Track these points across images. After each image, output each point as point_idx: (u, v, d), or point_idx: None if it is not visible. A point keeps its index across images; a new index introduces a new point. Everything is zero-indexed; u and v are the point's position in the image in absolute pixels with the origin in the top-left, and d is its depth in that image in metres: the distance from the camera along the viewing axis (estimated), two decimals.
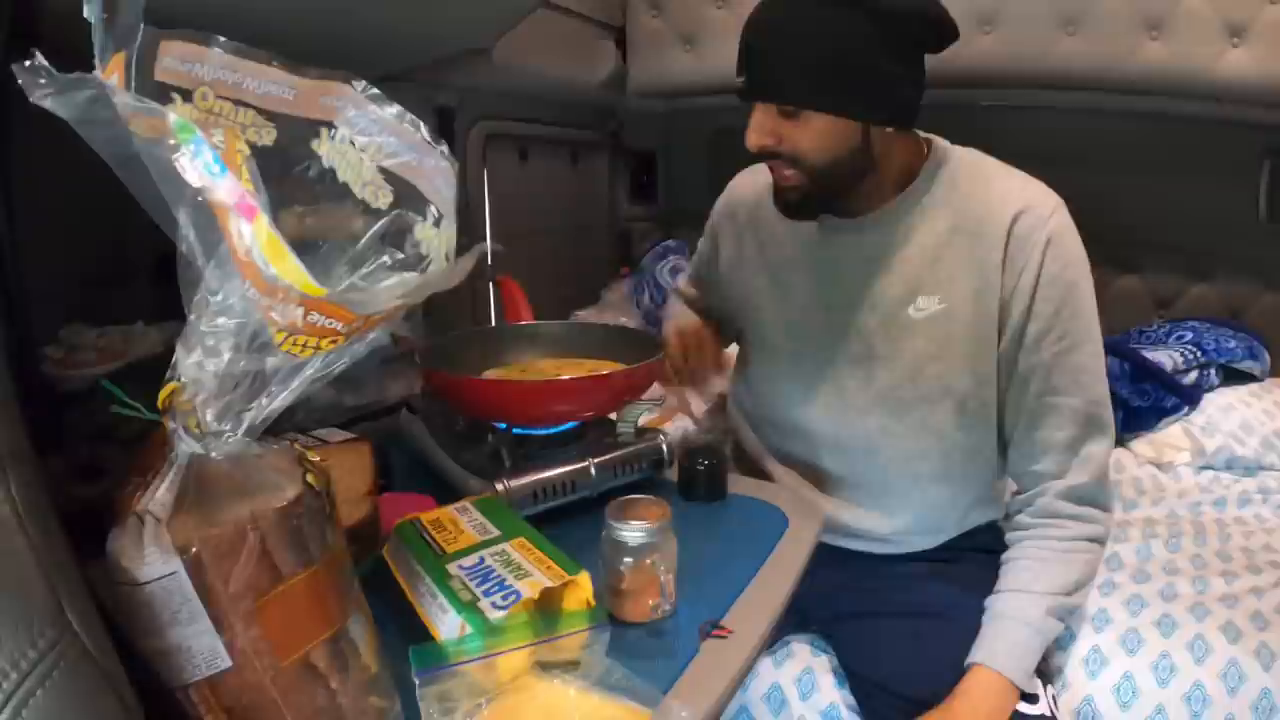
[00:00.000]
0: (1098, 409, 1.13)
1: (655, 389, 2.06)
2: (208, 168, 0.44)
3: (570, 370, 1.25)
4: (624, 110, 2.63)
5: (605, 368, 1.22)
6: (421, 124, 0.60)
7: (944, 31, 1.08)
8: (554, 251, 2.53)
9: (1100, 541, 1.16)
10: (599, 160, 2.71)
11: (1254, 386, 2.01)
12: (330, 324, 0.50)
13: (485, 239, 2.03)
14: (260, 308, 0.49)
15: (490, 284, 1.33)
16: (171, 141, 0.44)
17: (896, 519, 1.26)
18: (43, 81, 0.46)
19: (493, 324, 1.35)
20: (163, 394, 0.58)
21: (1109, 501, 1.17)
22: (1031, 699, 1.08)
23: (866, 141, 1.10)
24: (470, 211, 2.00)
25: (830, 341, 1.23)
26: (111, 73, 0.51)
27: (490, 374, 1.26)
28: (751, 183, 1.35)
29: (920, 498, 1.24)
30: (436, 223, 0.59)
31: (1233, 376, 2.04)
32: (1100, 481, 1.15)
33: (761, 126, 1.10)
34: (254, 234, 0.44)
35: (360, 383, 1.32)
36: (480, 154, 2.02)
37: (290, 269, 0.46)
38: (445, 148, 0.60)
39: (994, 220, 1.11)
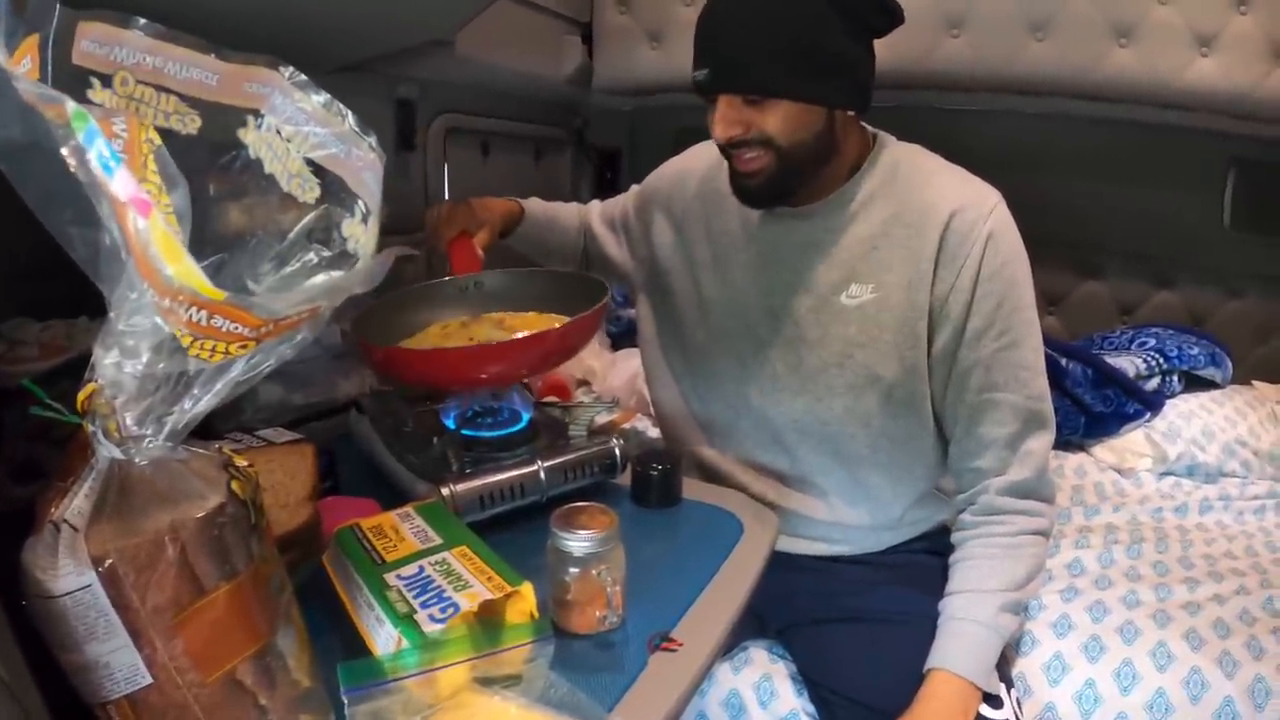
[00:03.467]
0: (1038, 404, 1.14)
1: (611, 389, 2.04)
2: (101, 160, 0.41)
3: (516, 324, 1.22)
4: (589, 107, 2.61)
5: (554, 319, 1.20)
6: (349, 113, 0.57)
7: (893, 15, 1.09)
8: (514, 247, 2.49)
9: (1045, 534, 1.17)
10: (562, 156, 2.68)
11: (1215, 393, 2.02)
12: (235, 328, 0.47)
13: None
14: (160, 310, 0.46)
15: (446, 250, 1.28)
16: (62, 132, 0.41)
17: (835, 507, 1.26)
18: None
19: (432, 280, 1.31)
20: (81, 395, 0.55)
21: (1050, 493, 1.18)
22: (995, 703, 1.07)
23: (830, 125, 1.10)
24: (429, 205, 1.96)
25: (763, 322, 1.23)
26: (23, 56, 0.48)
27: (431, 330, 1.23)
28: (706, 154, 1.33)
29: (856, 485, 1.24)
30: (364, 218, 0.56)
31: (1195, 383, 2.06)
32: (1041, 475, 1.15)
33: (728, 118, 1.08)
34: (149, 231, 0.41)
35: (309, 380, 1.29)
36: (441, 148, 1.98)
37: (186, 270, 0.43)
38: (374, 139, 0.57)
39: (931, 214, 1.12)
